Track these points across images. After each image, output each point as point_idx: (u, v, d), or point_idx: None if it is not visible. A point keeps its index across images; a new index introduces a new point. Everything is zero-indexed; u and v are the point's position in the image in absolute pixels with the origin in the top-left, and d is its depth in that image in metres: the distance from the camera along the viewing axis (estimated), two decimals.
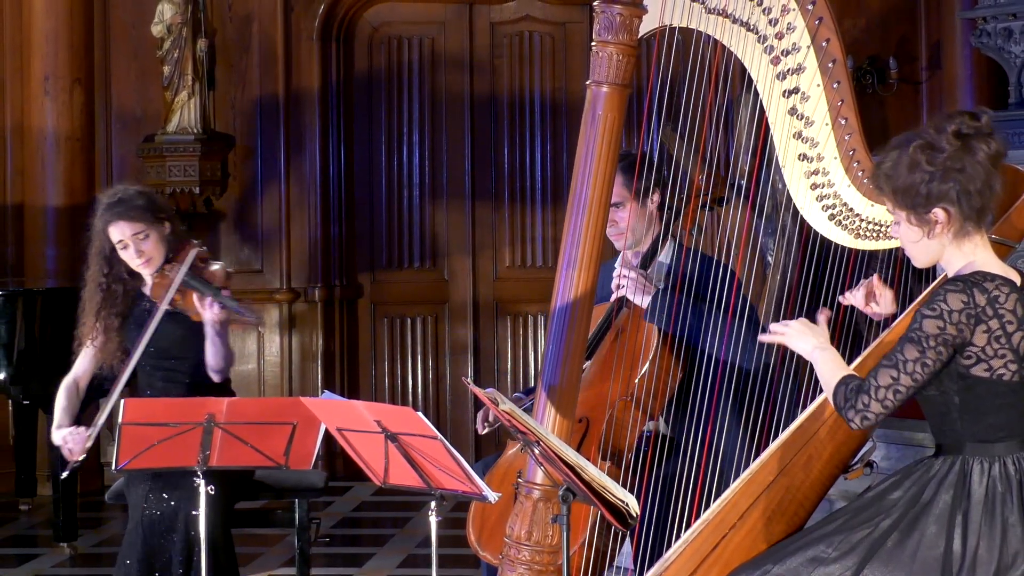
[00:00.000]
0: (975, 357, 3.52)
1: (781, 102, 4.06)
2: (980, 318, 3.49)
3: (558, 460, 3.64)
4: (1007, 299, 3.51)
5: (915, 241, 3.60)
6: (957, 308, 3.48)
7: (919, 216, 3.56)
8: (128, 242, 5.15)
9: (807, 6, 4.01)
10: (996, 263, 3.59)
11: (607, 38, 4.03)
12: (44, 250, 8.54)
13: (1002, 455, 3.58)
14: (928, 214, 3.55)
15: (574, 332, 4.06)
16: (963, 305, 3.48)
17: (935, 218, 3.55)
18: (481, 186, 9.20)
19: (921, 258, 3.64)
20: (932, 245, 3.59)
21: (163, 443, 4.47)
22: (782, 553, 3.70)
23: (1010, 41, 7.43)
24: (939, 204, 3.53)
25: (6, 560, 7.17)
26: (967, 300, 3.49)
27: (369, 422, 3.92)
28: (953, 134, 3.53)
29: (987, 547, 3.51)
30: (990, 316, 3.49)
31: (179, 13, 8.52)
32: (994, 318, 3.49)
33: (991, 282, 3.51)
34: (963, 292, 3.49)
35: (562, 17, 9.21)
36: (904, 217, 3.58)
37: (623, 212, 4.77)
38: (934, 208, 3.54)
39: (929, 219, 3.55)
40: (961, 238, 3.57)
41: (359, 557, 7.13)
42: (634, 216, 4.79)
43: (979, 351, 3.51)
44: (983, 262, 3.57)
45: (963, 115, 3.57)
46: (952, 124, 3.54)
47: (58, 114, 8.57)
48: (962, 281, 3.52)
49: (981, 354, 3.51)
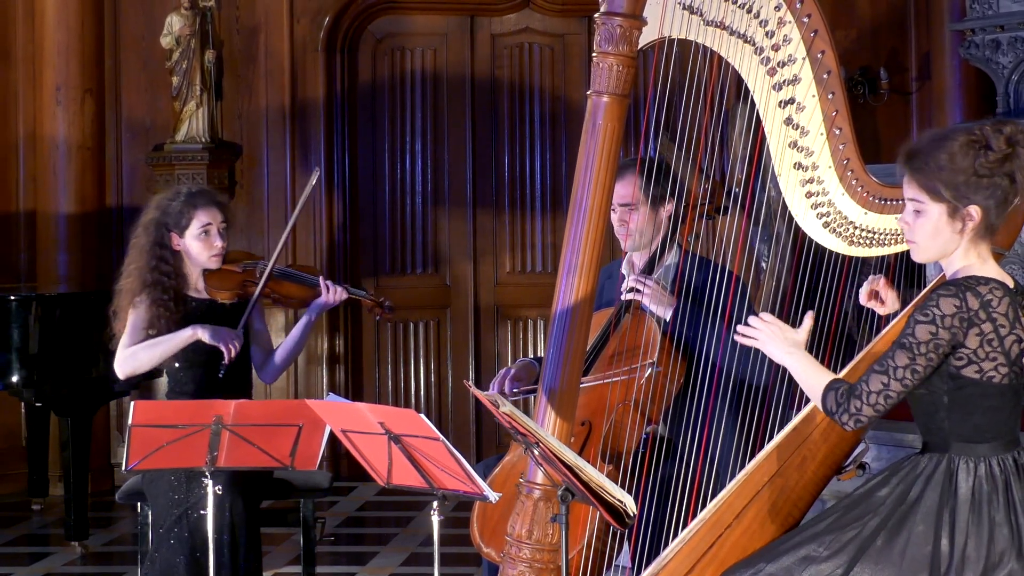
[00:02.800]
0: (967, 359, 3.51)
1: (777, 112, 4.05)
2: (973, 321, 3.48)
3: (557, 461, 3.63)
4: (999, 303, 3.50)
5: (937, 234, 3.55)
6: (950, 312, 3.47)
7: (954, 209, 3.52)
8: (215, 228, 5.21)
9: (803, 19, 4.01)
10: (995, 269, 3.58)
11: (607, 49, 4.03)
12: (56, 256, 8.54)
13: (987, 455, 3.57)
14: (965, 208, 3.51)
15: (574, 336, 4.06)
16: (956, 309, 3.48)
17: (969, 214, 3.52)
18: (482, 194, 9.20)
19: (928, 251, 3.60)
20: (951, 241, 3.55)
21: (172, 444, 4.47)
22: (775, 552, 3.70)
23: (998, 52, 7.44)
24: (977, 202, 3.51)
25: (19, 558, 7.16)
26: (960, 304, 3.48)
27: (373, 424, 3.91)
28: (1007, 139, 3.51)
29: (975, 546, 3.50)
30: (983, 319, 3.49)
31: (188, 25, 8.52)
32: (987, 321, 3.49)
33: (984, 286, 3.50)
34: (956, 296, 3.48)
35: (561, 29, 9.21)
36: (940, 209, 3.53)
37: (635, 214, 4.77)
38: (972, 205, 3.51)
39: (962, 215, 3.52)
40: (976, 241, 3.55)
41: (363, 555, 7.12)
42: (644, 220, 4.79)
43: (971, 353, 3.50)
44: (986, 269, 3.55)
45: (1015, 123, 3.54)
46: (1008, 127, 3.51)
47: (69, 123, 8.56)
48: (955, 285, 3.51)
49: (973, 356, 3.51)
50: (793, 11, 4.02)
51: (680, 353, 4.58)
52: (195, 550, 4.96)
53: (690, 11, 4.05)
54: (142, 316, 5.17)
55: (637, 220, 4.78)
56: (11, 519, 7.92)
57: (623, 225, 4.74)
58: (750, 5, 4.03)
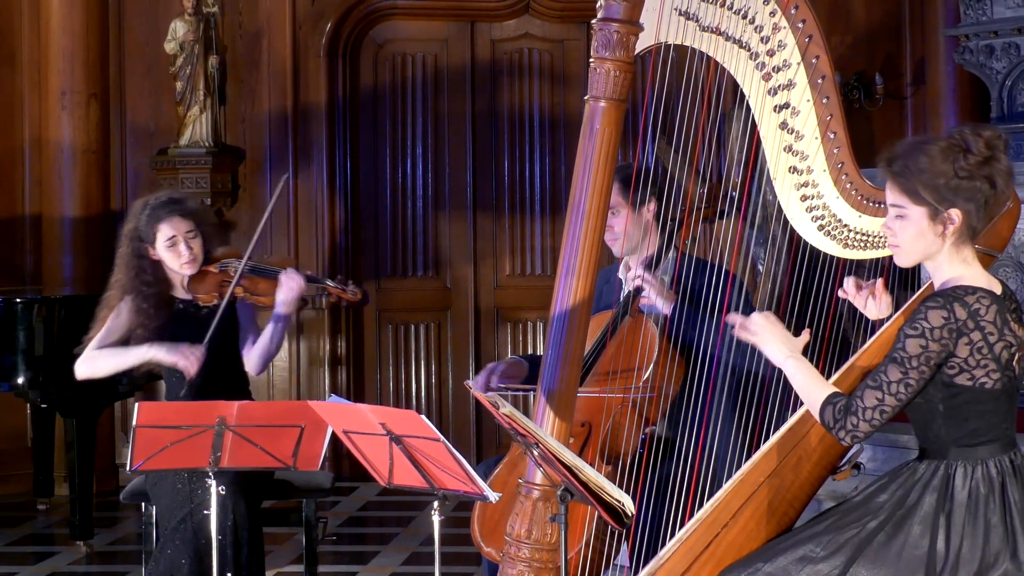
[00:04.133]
0: (958, 367, 3.51)
1: (772, 116, 4.05)
2: (962, 331, 3.48)
3: (556, 461, 3.63)
4: (987, 311, 3.49)
5: (920, 237, 3.56)
6: (938, 324, 3.47)
7: (935, 212, 3.53)
8: (180, 239, 5.15)
9: (798, 24, 4.01)
10: (982, 275, 3.58)
11: (604, 55, 4.03)
12: (61, 259, 8.54)
13: (984, 458, 3.57)
14: (944, 212, 3.52)
15: (573, 337, 4.06)
16: (944, 321, 3.47)
17: (950, 217, 3.53)
18: (482, 197, 9.20)
19: (912, 255, 3.60)
20: (931, 244, 3.55)
21: (176, 445, 4.47)
22: (772, 552, 3.70)
23: (991, 58, 7.44)
24: (958, 205, 3.51)
25: (25, 557, 7.17)
26: (947, 316, 3.47)
27: (374, 425, 3.91)
28: (986, 142, 3.51)
29: (970, 547, 3.50)
30: (971, 328, 3.48)
31: (191, 31, 8.53)
32: (976, 330, 3.48)
33: (972, 295, 3.50)
34: (943, 308, 3.48)
35: (560, 35, 9.22)
36: (921, 212, 3.54)
37: (618, 218, 4.77)
38: (952, 208, 3.52)
39: (943, 218, 3.53)
40: (959, 245, 3.55)
41: (365, 555, 7.12)
42: (629, 223, 4.79)
43: (962, 362, 3.50)
44: (972, 276, 3.55)
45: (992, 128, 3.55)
46: (987, 131, 3.52)
47: (75, 128, 8.57)
48: (942, 297, 3.50)
49: (964, 364, 3.50)
50: (788, 17, 4.01)
51: (678, 353, 4.58)
52: (199, 550, 4.96)
53: (686, 17, 4.05)
54: (120, 322, 5.16)
55: (621, 223, 4.78)
56: (17, 519, 7.92)
57: (608, 230, 4.73)
58: (745, 11, 4.03)
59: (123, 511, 7.85)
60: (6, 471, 8.45)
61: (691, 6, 4.04)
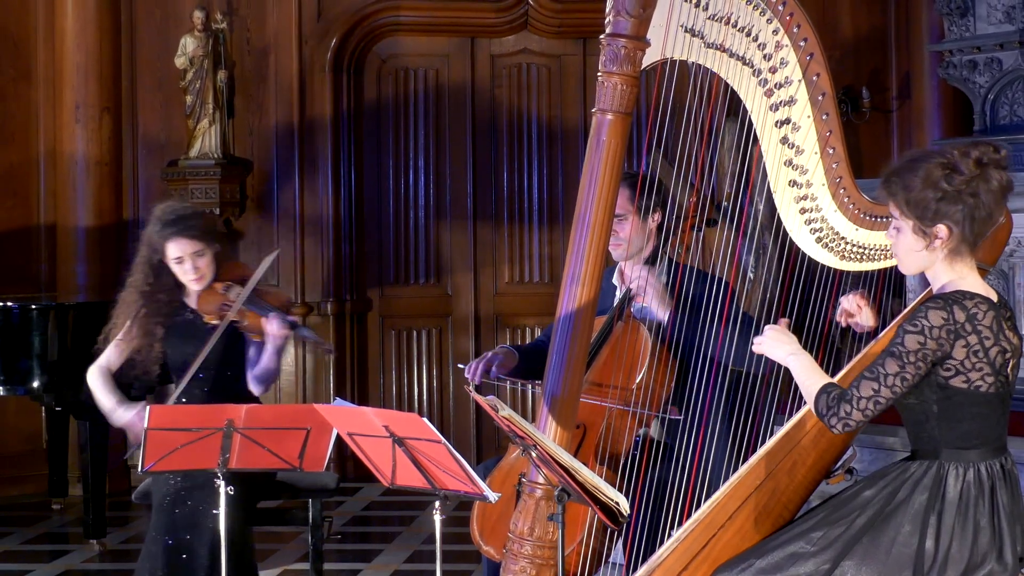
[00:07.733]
0: (954, 369, 3.51)
1: (774, 132, 4.04)
2: (959, 333, 3.48)
3: (553, 463, 3.63)
4: (984, 316, 3.50)
5: (911, 250, 3.58)
6: (938, 324, 3.47)
7: (923, 227, 3.53)
8: (186, 259, 5.10)
9: (799, 42, 4.00)
10: (980, 283, 3.58)
11: (612, 69, 4.02)
12: (75, 267, 8.54)
13: (976, 461, 3.57)
14: (932, 228, 3.53)
15: (576, 343, 4.04)
16: (943, 321, 3.47)
17: (936, 233, 3.53)
18: (482, 207, 9.19)
19: (911, 266, 3.63)
20: (925, 257, 3.57)
21: (186, 447, 4.46)
22: (764, 549, 3.70)
23: (975, 72, 7.44)
24: (944, 221, 3.52)
25: (40, 556, 7.15)
26: (947, 317, 3.48)
27: (378, 427, 3.90)
28: (975, 161, 3.51)
29: (959, 547, 3.50)
30: (969, 332, 3.48)
31: (201, 46, 8.52)
32: (972, 334, 3.48)
33: (970, 300, 3.50)
34: (943, 309, 3.48)
35: (558, 50, 9.22)
36: (909, 226, 3.55)
37: (625, 224, 4.76)
38: (939, 224, 3.52)
39: (931, 233, 3.53)
40: (954, 256, 3.56)
41: (368, 553, 7.11)
42: (634, 230, 4.79)
43: (958, 364, 3.50)
44: (970, 284, 3.55)
45: (987, 145, 3.55)
46: (976, 151, 3.52)
47: (88, 140, 8.56)
48: (943, 299, 3.50)
49: (960, 367, 3.50)
50: (790, 35, 4.00)
51: (672, 356, 4.56)
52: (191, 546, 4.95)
53: (692, 34, 4.04)
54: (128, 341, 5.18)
55: (627, 230, 4.78)
56: (32, 518, 7.91)
57: (614, 235, 4.73)
58: (749, 29, 4.01)
59: (135, 510, 7.83)
60: (22, 472, 8.43)
61: (697, 23, 4.03)
